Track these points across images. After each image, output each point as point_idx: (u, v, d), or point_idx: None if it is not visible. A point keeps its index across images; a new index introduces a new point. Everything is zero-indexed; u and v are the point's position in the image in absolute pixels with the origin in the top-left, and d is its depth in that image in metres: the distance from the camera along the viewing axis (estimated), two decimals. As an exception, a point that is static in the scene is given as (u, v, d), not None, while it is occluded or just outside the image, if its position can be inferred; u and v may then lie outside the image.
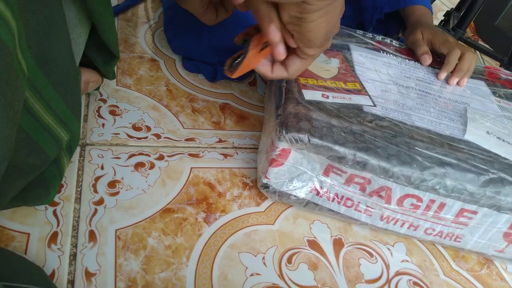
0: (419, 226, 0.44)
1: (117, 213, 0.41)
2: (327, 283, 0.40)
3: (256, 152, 0.52)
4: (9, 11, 0.26)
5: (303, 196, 0.44)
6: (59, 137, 0.35)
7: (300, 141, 0.39)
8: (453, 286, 0.44)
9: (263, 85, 0.64)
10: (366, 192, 0.42)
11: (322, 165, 0.41)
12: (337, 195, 0.43)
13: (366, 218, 0.44)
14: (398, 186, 0.40)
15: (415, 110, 0.48)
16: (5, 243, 0.36)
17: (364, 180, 0.41)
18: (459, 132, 0.46)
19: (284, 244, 0.43)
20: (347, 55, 0.54)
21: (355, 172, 0.40)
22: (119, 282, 0.36)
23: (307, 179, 0.43)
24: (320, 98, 0.45)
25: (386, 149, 0.40)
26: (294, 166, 0.42)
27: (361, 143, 0.40)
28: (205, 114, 0.56)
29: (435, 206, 0.42)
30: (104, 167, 0.45)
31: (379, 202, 0.42)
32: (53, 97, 0.34)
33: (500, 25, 1.01)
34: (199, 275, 0.38)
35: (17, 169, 0.31)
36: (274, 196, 0.44)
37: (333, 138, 0.39)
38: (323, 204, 0.44)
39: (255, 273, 0.39)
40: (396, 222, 0.44)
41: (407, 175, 0.39)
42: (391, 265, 0.44)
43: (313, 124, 0.40)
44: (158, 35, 0.68)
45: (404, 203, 0.42)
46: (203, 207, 0.44)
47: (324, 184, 0.43)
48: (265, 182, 0.44)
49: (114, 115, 0.51)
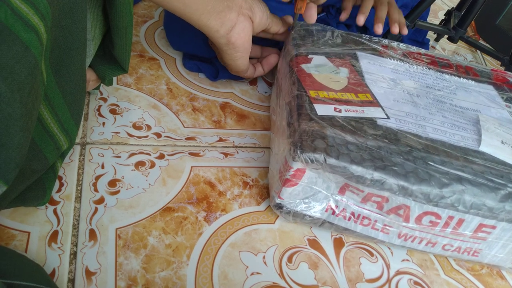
0: (437, 242, 0.43)
1: (118, 212, 0.41)
2: (327, 282, 0.40)
3: (256, 152, 0.52)
4: (43, 25, 0.26)
5: (318, 216, 0.42)
6: (60, 145, 0.36)
7: (316, 161, 0.38)
8: (454, 285, 0.44)
9: (264, 84, 0.64)
10: (383, 210, 0.41)
11: (338, 184, 0.40)
12: (353, 214, 0.42)
13: (383, 236, 0.43)
14: (417, 204, 0.39)
15: (428, 120, 0.47)
16: (6, 241, 0.36)
17: (382, 199, 0.40)
18: (473, 143, 0.45)
19: (284, 243, 0.43)
20: (354, 64, 0.53)
21: (373, 190, 0.39)
22: (119, 281, 0.36)
23: (322, 198, 0.41)
24: (333, 113, 0.43)
25: (404, 166, 0.39)
26: (308, 185, 0.41)
27: (378, 161, 0.39)
28: (206, 113, 0.56)
29: (454, 223, 0.41)
30: (104, 166, 0.45)
31: (397, 221, 0.41)
32: (61, 106, 0.34)
33: (501, 24, 1.01)
34: (199, 274, 0.38)
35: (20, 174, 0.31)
36: (289, 217, 0.43)
37: (350, 157, 0.38)
38: (339, 223, 0.43)
39: (256, 272, 0.39)
40: (414, 239, 0.43)
41: (425, 192, 0.38)
42: (391, 265, 0.44)
43: (328, 142, 0.39)
44: (158, 34, 0.68)
45: (423, 220, 0.41)
46: (203, 206, 0.44)
47: (340, 203, 0.41)
48: (278, 202, 0.42)
49: (114, 114, 0.51)
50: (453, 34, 0.81)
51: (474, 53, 0.97)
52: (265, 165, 0.51)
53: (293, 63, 0.50)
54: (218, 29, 0.48)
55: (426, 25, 0.79)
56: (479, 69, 0.61)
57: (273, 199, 0.43)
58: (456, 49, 0.96)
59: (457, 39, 0.82)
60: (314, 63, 0.50)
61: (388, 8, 0.62)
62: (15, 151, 0.26)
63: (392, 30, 0.56)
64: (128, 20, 0.40)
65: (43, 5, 0.26)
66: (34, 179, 0.35)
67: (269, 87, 0.64)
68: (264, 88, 0.63)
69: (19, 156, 0.27)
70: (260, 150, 0.53)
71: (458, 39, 0.82)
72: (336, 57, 0.53)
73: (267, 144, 0.54)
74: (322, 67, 0.50)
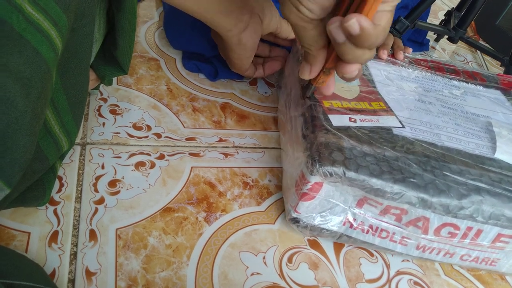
0: (455, 253, 0.43)
1: (118, 212, 0.41)
2: (327, 283, 0.40)
3: (256, 152, 0.52)
4: (56, 31, 0.27)
5: (336, 229, 0.42)
6: (61, 145, 0.36)
7: (334, 174, 0.37)
8: (454, 286, 0.44)
9: (264, 84, 0.64)
10: (402, 223, 0.40)
11: (356, 196, 0.39)
12: (371, 227, 0.41)
13: (401, 248, 0.42)
14: (436, 215, 0.39)
15: (442, 129, 0.46)
16: (6, 242, 0.36)
17: (401, 211, 0.39)
18: (488, 150, 0.44)
19: (284, 243, 0.43)
20: (364, 71, 0.53)
21: (391, 203, 0.39)
22: (119, 281, 0.36)
23: (340, 212, 0.41)
24: (348, 123, 0.43)
25: (422, 177, 0.38)
26: (325, 199, 0.40)
27: (397, 173, 0.38)
28: (206, 113, 0.56)
29: (472, 233, 0.40)
30: (104, 166, 0.45)
31: (415, 233, 0.41)
32: (65, 107, 0.35)
33: (501, 24, 1.01)
34: (199, 274, 0.38)
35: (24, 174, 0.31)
36: (306, 231, 0.42)
37: (369, 170, 0.37)
38: (357, 236, 0.42)
39: (256, 273, 0.39)
40: (432, 251, 0.42)
41: (444, 204, 0.38)
42: (391, 265, 0.44)
43: (346, 155, 0.38)
44: (158, 34, 0.68)
45: (442, 232, 0.40)
46: (203, 207, 0.44)
47: (358, 216, 0.41)
48: (295, 217, 0.42)
49: (114, 114, 0.51)
50: (453, 35, 0.81)
51: (474, 53, 0.97)
52: (265, 165, 0.51)
53: None
54: (231, 29, 0.48)
55: (426, 25, 0.79)
56: (486, 74, 0.61)
57: (289, 213, 0.42)
58: (456, 49, 0.96)
59: (457, 39, 0.82)
60: None
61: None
62: (20, 155, 0.26)
63: (397, 56, 0.58)
64: (134, 22, 0.40)
65: (55, 11, 0.26)
66: (35, 180, 0.35)
67: (269, 88, 0.64)
68: (264, 88, 0.63)
69: (24, 160, 0.27)
70: (260, 151, 0.53)
71: (458, 39, 0.82)
72: None
73: (267, 144, 0.54)
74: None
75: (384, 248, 0.43)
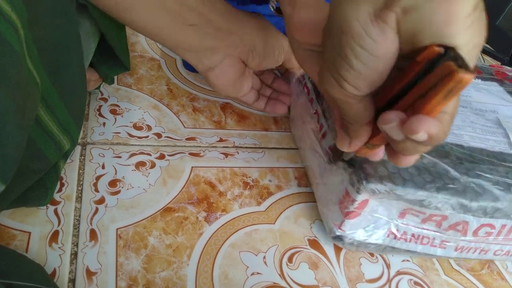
0: (490, 250, 0.44)
1: (118, 212, 0.41)
2: (327, 283, 0.40)
3: (256, 152, 0.52)
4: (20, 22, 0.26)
5: (380, 242, 0.42)
6: (61, 145, 0.36)
7: (383, 191, 0.36)
8: (454, 285, 0.44)
9: (264, 84, 0.64)
10: (441, 228, 0.41)
11: (399, 208, 0.39)
12: (413, 235, 0.41)
13: (441, 251, 0.43)
14: (475, 218, 0.39)
15: (462, 129, 0.46)
16: (6, 241, 0.36)
17: (442, 217, 0.40)
18: (505, 146, 0.45)
19: (284, 243, 0.43)
20: None
21: (434, 211, 0.39)
22: (120, 281, 0.36)
23: (383, 224, 0.41)
24: None
25: (460, 181, 0.39)
26: (370, 214, 0.40)
27: (439, 181, 0.38)
28: (206, 113, 0.56)
29: (506, 230, 0.41)
30: (105, 166, 0.45)
31: (455, 236, 0.41)
32: (58, 105, 0.34)
33: (501, 25, 1.01)
34: (200, 274, 0.38)
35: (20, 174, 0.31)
36: (351, 247, 0.42)
37: (414, 182, 0.37)
38: (401, 246, 0.42)
39: (256, 272, 0.39)
40: (469, 250, 0.43)
41: (483, 207, 0.38)
42: (391, 265, 0.44)
43: (389, 169, 0.37)
44: (159, 34, 0.68)
45: (479, 232, 0.41)
46: (204, 206, 0.44)
47: (401, 226, 0.41)
48: (339, 235, 0.41)
49: (115, 114, 0.51)
50: (453, 35, 0.81)
51: (474, 53, 0.97)
52: (266, 165, 0.51)
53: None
54: (196, 64, 0.43)
55: (426, 25, 0.79)
56: (480, 65, 0.61)
57: (333, 231, 0.42)
58: (456, 49, 0.96)
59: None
60: None
61: None
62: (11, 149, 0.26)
63: None
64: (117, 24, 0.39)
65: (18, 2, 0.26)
66: (36, 180, 0.35)
67: (269, 88, 0.64)
68: (264, 88, 0.63)
69: (17, 155, 0.27)
70: (260, 151, 0.53)
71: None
72: None
73: (267, 144, 0.54)
74: None
75: (425, 254, 0.43)
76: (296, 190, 0.49)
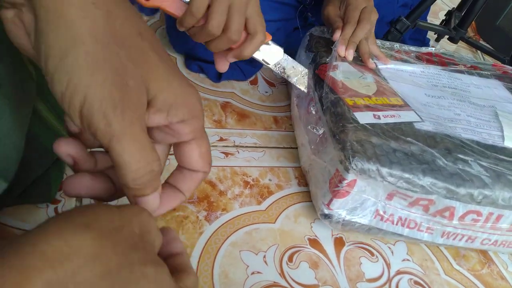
0: (477, 238, 0.44)
1: (119, 211, 0.41)
2: (328, 282, 0.40)
3: (256, 151, 0.52)
4: None
5: (367, 222, 0.43)
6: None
7: (370, 171, 0.38)
8: (454, 285, 0.44)
9: (265, 84, 0.64)
10: (429, 213, 0.42)
11: (386, 190, 0.41)
12: (401, 218, 0.42)
13: (428, 236, 0.44)
14: (462, 204, 0.41)
15: (456, 121, 0.48)
16: (7, 240, 0.36)
17: (428, 202, 0.41)
18: (498, 140, 0.46)
19: (285, 242, 0.43)
20: (375, 70, 0.54)
21: (420, 195, 0.40)
22: (120, 280, 0.36)
23: (371, 206, 0.42)
24: (373, 120, 0.44)
25: (447, 168, 0.40)
26: (358, 194, 0.41)
27: (426, 167, 0.40)
28: (206, 112, 0.56)
29: (493, 218, 0.42)
30: (105, 165, 0.45)
31: (441, 221, 0.42)
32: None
33: (501, 24, 1.01)
34: (200, 273, 0.38)
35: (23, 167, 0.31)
36: (337, 226, 0.43)
37: (401, 165, 0.39)
38: (387, 228, 0.43)
39: (256, 272, 0.39)
40: (455, 237, 0.44)
41: (470, 193, 0.40)
42: (392, 264, 0.44)
43: (378, 151, 0.39)
44: (159, 33, 0.68)
45: (466, 219, 0.42)
46: (204, 206, 0.44)
47: (388, 208, 0.42)
48: (327, 213, 0.42)
49: (115, 113, 0.51)
50: (454, 35, 0.81)
51: (474, 53, 0.98)
52: (266, 164, 0.51)
53: (320, 72, 0.50)
54: None
55: (427, 25, 0.79)
56: (482, 65, 0.63)
57: (321, 209, 0.43)
58: (457, 49, 0.96)
59: (458, 39, 0.82)
60: (341, 69, 0.50)
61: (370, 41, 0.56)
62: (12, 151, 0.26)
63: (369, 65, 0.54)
64: None
65: None
66: (40, 174, 0.35)
67: (269, 87, 0.64)
68: (265, 88, 0.64)
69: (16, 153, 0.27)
70: (260, 150, 0.53)
71: (458, 39, 0.82)
72: (357, 64, 0.53)
73: (268, 143, 0.54)
74: (349, 73, 0.50)
75: (412, 238, 0.44)
76: (296, 190, 0.49)
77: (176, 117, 0.23)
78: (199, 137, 0.25)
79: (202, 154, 0.25)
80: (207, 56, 0.61)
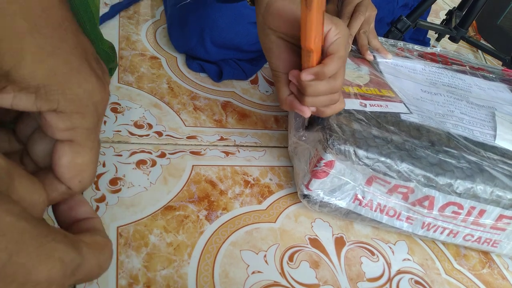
0: (459, 232, 0.44)
1: (119, 211, 0.41)
2: (328, 281, 0.40)
3: (257, 150, 0.52)
4: None
5: (345, 206, 0.43)
6: (110, 55, 0.37)
7: (346, 152, 0.39)
8: (455, 285, 0.44)
9: (265, 83, 0.64)
10: (408, 201, 0.42)
11: (365, 175, 0.41)
12: (379, 205, 0.43)
13: (408, 226, 0.44)
14: (441, 194, 0.41)
15: (448, 117, 0.48)
16: (7, 239, 0.36)
17: (407, 189, 0.41)
18: (490, 138, 0.47)
19: (285, 242, 0.43)
20: (373, 63, 0.55)
21: (399, 182, 0.41)
22: (120, 279, 0.36)
23: (350, 189, 0.42)
24: (359, 107, 0.45)
25: (427, 158, 0.41)
26: (337, 176, 0.42)
27: (405, 154, 0.40)
28: (207, 112, 0.56)
29: (476, 213, 0.42)
30: (105, 164, 0.45)
31: (421, 211, 0.42)
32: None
33: (502, 24, 1.00)
34: (200, 273, 0.38)
35: None
36: (315, 207, 0.44)
37: (378, 149, 0.40)
38: (366, 214, 0.44)
39: (257, 271, 0.39)
40: (436, 229, 0.44)
41: (449, 183, 0.40)
42: (392, 264, 0.44)
43: (357, 135, 0.40)
44: (160, 32, 0.68)
45: (446, 210, 0.42)
46: (204, 205, 0.44)
47: (367, 193, 0.42)
48: (306, 193, 0.43)
49: (115, 113, 0.51)
50: (455, 34, 0.81)
51: (475, 53, 0.97)
52: (266, 164, 0.51)
53: None
54: None
55: (428, 24, 0.79)
56: (491, 68, 0.63)
57: (301, 189, 0.44)
58: (457, 49, 0.96)
59: (459, 39, 0.82)
60: None
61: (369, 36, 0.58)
62: None
63: (366, 57, 0.55)
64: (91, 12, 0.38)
65: None
66: None
67: (270, 86, 0.64)
68: (265, 87, 0.63)
69: None
70: (261, 149, 0.53)
71: (459, 39, 0.82)
72: (355, 56, 0.54)
73: (268, 143, 0.54)
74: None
75: (391, 227, 0.44)
76: (297, 189, 0.49)
77: (47, 103, 0.17)
78: (80, 143, 0.19)
79: (73, 164, 0.19)
80: (207, 56, 0.61)
